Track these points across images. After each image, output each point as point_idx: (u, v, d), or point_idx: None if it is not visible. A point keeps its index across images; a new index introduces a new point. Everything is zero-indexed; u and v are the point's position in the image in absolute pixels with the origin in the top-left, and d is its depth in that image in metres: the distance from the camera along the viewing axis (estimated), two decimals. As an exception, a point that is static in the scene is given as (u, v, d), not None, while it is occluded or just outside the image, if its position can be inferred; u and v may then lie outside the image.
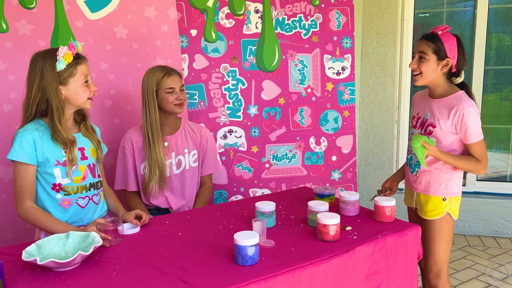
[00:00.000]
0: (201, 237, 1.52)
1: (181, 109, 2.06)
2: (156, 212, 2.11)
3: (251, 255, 1.27)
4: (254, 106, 2.85)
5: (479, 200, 3.44)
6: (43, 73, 1.53)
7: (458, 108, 1.74)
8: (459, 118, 1.74)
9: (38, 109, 1.58)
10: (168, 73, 2.03)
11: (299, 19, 2.87)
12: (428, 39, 1.80)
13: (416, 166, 1.89)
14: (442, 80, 1.83)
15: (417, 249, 1.58)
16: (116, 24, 2.39)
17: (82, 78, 1.59)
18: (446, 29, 1.80)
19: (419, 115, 1.91)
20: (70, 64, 1.55)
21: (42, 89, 1.54)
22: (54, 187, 1.60)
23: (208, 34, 2.75)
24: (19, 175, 1.56)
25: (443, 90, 1.84)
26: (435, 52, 1.77)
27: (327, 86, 2.95)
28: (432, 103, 1.85)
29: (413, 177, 1.91)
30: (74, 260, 1.24)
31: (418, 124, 1.90)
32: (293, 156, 2.95)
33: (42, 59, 1.55)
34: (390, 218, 1.61)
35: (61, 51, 1.52)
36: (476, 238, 3.41)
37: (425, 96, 1.93)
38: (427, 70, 1.79)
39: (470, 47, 3.45)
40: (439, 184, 1.83)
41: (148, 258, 1.35)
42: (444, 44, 1.77)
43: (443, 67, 1.79)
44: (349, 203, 1.68)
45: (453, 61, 1.79)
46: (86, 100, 1.62)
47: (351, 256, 1.38)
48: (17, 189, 1.57)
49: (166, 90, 2.01)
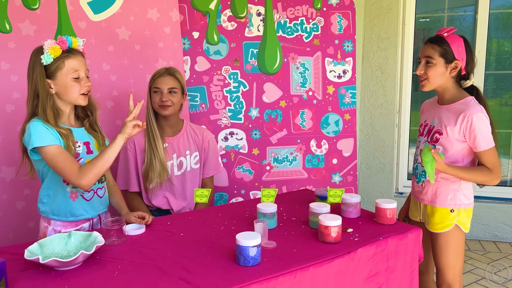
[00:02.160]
0: (202, 237, 1.52)
1: (166, 112, 2.01)
2: (157, 213, 2.11)
3: (253, 256, 1.28)
4: (256, 108, 2.86)
5: (479, 204, 3.42)
6: (34, 68, 1.55)
7: (466, 113, 1.66)
8: (468, 125, 1.66)
9: (33, 106, 1.58)
10: (161, 74, 2.04)
11: (300, 22, 2.88)
12: (433, 42, 1.73)
13: (422, 176, 1.81)
14: (451, 84, 1.75)
15: (418, 252, 1.58)
16: (119, 25, 2.40)
17: (70, 72, 1.56)
18: (452, 30, 1.72)
19: (427, 122, 1.84)
20: (58, 57, 1.54)
21: (34, 83, 1.56)
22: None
23: (210, 36, 2.76)
24: (56, 156, 1.50)
25: (452, 95, 1.76)
26: (442, 55, 1.70)
27: (328, 89, 2.95)
28: (440, 109, 1.78)
29: (419, 188, 1.84)
30: (77, 259, 1.24)
31: (425, 132, 1.83)
32: (294, 159, 2.95)
33: (35, 54, 1.57)
34: (391, 221, 1.61)
35: (46, 45, 1.52)
36: (476, 242, 3.40)
37: (434, 103, 1.86)
38: (434, 75, 1.72)
39: (471, 52, 3.45)
40: (446, 195, 1.75)
41: (150, 258, 1.35)
42: (451, 46, 1.69)
43: (452, 71, 1.71)
44: (350, 205, 1.68)
45: (462, 64, 1.71)
46: (79, 96, 1.60)
47: (352, 258, 1.38)
48: (63, 167, 1.50)
49: (153, 89, 2.03)
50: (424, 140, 1.82)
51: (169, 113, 2.03)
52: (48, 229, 1.66)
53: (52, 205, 1.65)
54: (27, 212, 2.14)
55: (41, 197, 1.67)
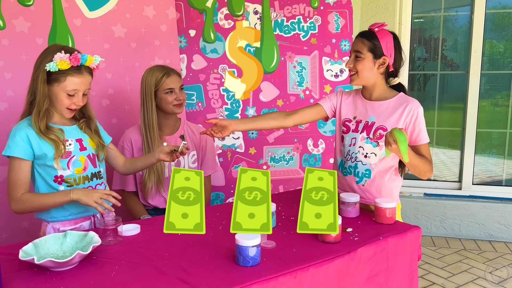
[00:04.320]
0: (200, 237, 1.50)
1: (181, 109, 2.05)
2: (154, 212, 2.09)
3: (252, 256, 1.26)
4: (252, 107, 2.84)
5: (475, 204, 3.44)
6: (39, 66, 1.55)
7: (412, 107, 1.66)
8: (413, 118, 1.66)
9: (28, 103, 1.59)
10: (167, 73, 2.01)
11: (298, 21, 2.87)
12: (363, 36, 1.69)
13: (365, 175, 1.75)
14: (380, 80, 1.73)
15: (417, 251, 1.57)
16: (115, 23, 2.38)
17: (67, 89, 1.55)
18: (383, 26, 1.69)
19: (359, 118, 1.77)
20: (64, 70, 1.52)
21: (35, 82, 1.56)
22: (56, 179, 1.59)
23: (207, 34, 2.74)
24: (13, 170, 1.55)
25: (382, 92, 1.74)
26: (371, 50, 1.67)
27: (325, 88, 2.94)
28: (373, 105, 1.74)
29: (359, 188, 1.77)
30: (73, 259, 1.21)
31: (360, 128, 1.75)
32: (291, 158, 2.93)
33: (46, 55, 1.55)
34: (391, 220, 1.60)
35: (57, 55, 1.50)
36: (472, 242, 3.41)
37: (357, 98, 1.81)
38: (363, 69, 1.69)
39: (467, 52, 3.47)
40: (391, 192, 1.75)
41: (147, 258, 1.33)
42: (380, 42, 1.66)
43: (379, 66, 1.69)
44: (349, 205, 1.67)
45: (390, 60, 1.68)
46: (64, 109, 1.60)
47: (352, 258, 1.37)
48: (11, 183, 1.56)
49: (165, 91, 1.99)
50: (363, 137, 1.75)
51: (183, 110, 2.07)
52: (47, 227, 1.64)
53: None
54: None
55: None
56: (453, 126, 3.67)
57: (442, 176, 3.75)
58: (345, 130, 1.82)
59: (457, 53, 3.62)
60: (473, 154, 3.52)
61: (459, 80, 3.58)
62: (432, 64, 3.67)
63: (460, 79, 3.56)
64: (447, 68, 3.65)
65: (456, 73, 3.62)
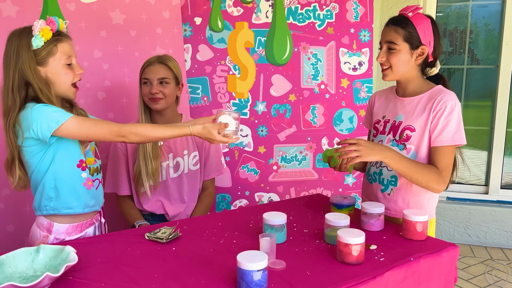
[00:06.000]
0: (198, 253, 1.29)
1: (158, 105, 1.79)
2: (150, 218, 1.88)
3: (257, 281, 1.04)
4: (262, 102, 2.65)
5: (503, 209, 3.23)
6: (18, 52, 1.35)
7: (442, 99, 1.42)
8: (439, 113, 1.42)
9: (21, 96, 1.37)
10: (150, 62, 1.82)
11: (313, 9, 2.65)
12: (396, 24, 1.45)
13: (391, 183, 1.54)
14: (416, 72, 1.51)
15: (453, 273, 1.34)
16: (112, 8, 2.19)
17: (63, 58, 1.41)
18: (417, 9, 1.45)
19: (387, 118, 1.57)
20: (48, 41, 1.36)
21: (19, 70, 1.35)
22: (81, 164, 1.45)
23: (214, 22, 2.55)
24: (82, 122, 1.35)
25: (417, 86, 1.52)
26: (406, 40, 1.44)
27: (342, 83, 2.73)
28: (403, 102, 1.54)
29: (384, 197, 1.56)
30: (40, 283, 1.01)
31: (387, 129, 1.55)
32: (304, 158, 2.74)
33: (17, 37, 1.37)
34: (422, 236, 1.37)
35: (36, 26, 1.34)
36: (499, 250, 3.17)
37: (390, 95, 1.62)
38: (398, 63, 1.47)
39: (498, 44, 3.21)
40: (421, 204, 1.52)
41: (133, 281, 1.12)
42: (417, 29, 1.43)
43: (417, 57, 1.47)
44: (372, 217, 1.44)
45: (429, 49, 1.46)
46: (69, 87, 1.44)
47: (378, 283, 1.14)
48: (101, 124, 1.37)
49: (142, 81, 1.82)
50: (389, 139, 1.54)
51: (161, 107, 1.80)
52: (50, 239, 1.44)
53: (63, 198, 1.43)
54: (6, 214, 1.93)
55: (46, 192, 1.42)
56: (480, 125, 3.42)
57: (467, 179, 3.50)
58: (375, 133, 1.62)
59: (486, 46, 3.36)
60: (502, 155, 3.28)
61: (487, 75, 3.33)
62: (457, 58, 3.42)
63: (489, 73, 3.30)
64: (474, 62, 3.39)
65: (485, 68, 3.36)
